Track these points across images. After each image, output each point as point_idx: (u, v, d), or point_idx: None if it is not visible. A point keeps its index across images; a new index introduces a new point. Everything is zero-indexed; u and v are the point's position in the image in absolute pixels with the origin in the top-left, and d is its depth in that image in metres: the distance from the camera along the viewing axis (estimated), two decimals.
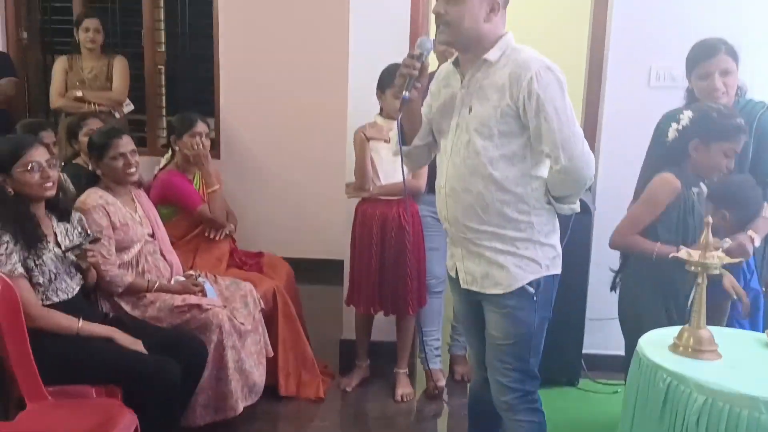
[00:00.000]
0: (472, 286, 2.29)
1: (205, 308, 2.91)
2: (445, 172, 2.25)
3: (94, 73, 4.54)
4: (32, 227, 2.51)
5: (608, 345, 3.73)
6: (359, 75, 3.60)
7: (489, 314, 2.31)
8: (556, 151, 2.07)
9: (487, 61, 2.15)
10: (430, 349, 3.64)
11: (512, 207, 2.17)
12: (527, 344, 2.29)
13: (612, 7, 3.53)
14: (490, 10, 2.13)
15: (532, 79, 2.06)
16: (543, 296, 2.26)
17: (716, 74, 2.74)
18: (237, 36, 5.00)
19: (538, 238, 2.21)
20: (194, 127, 3.50)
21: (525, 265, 2.21)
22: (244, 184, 4.96)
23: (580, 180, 2.13)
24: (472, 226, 2.20)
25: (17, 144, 2.56)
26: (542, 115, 2.06)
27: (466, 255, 2.27)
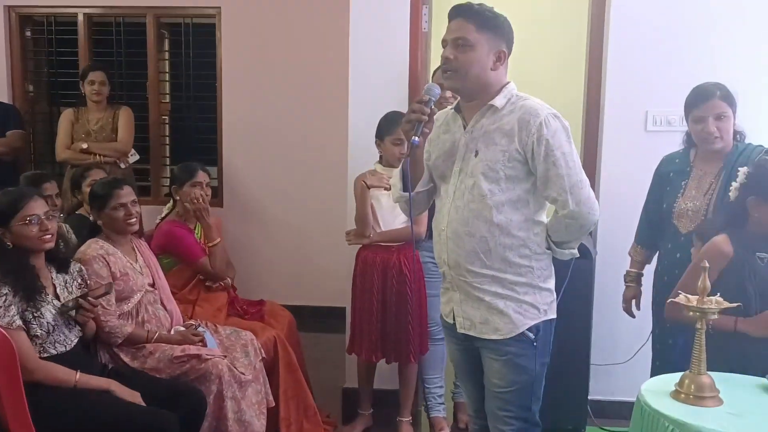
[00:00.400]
0: (470, 331, 2.28)
1: (205, 358, 2.89)
2: (447, 216, 2.26)
3: (99, 125, 4.60)
4: (31, 279, 2.52)
5: (614, 391, 3.70)
6: (359, 124, 3.65)
7: (488, 361, 2.29)
8: (564, 196, 2.11)
9: (493, 107, 2.20)
10: (433, 396, 3.60)
11: (514, 251, 2.18)
12: (529, 391, 2.27)
13: (607, 52, 3.58)
14: (497, 59, 2.20)
15: (541, 125, 2.12)
16: (542, 342, 2.25)
17: (710, 118, 2.78)
18: (239, 86, 5.09)
19: (537, 282, 2.23)
20: (195, 176, 3.53)
21: (524, 311, 2.21)
22: (247, 231, 4.99)
23: (585, 225, 2.17)
24: (474, 269, 2.21)
25: (16, 197, 2.58)
26: (551, 159, 2.11)
27: (465, 299, 2.27)
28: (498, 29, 2.21)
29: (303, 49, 4.96)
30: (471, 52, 2.17)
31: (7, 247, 2.52)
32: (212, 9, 5.08)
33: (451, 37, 2.20)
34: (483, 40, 2.18)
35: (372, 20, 3.64)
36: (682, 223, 2.87)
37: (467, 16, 2.19)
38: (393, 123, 3.35)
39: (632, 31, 3.52)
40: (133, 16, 5.21)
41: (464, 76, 2.18)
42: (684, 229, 2.84)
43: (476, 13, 2.19)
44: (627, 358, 3.56)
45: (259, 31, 5.01)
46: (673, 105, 3.47)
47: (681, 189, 2.91)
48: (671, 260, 2.89)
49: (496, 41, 2.21)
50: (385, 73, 3.67)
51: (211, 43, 5.18)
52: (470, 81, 2.19)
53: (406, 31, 3.64)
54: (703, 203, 2.83)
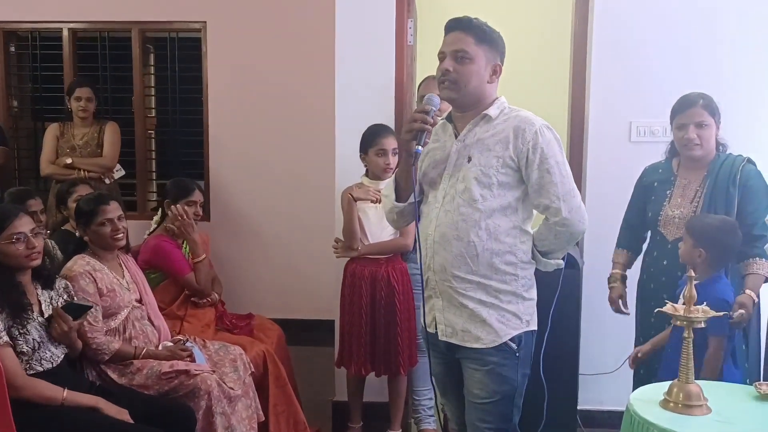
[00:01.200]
0: (451, 338, 2.28)
1: (194, 373, 2.87)
2: (434, 220, 2.27)
3: (85, 140, 4.58)
4: (18, 296, 2.50)
5: (602, 400, 3.71)
6: (346, 137, 3.65)
7: (469, 372, 2.30)
8: (557, 203, 2.15)
9: (487, 116, 2.24)
10: (423, 408, 3.60)
11: (501, 258, 2.21)
12: (510, 402, 2.28)
13: (591, 64, 3.61)
14: (492, 72, 2.26)
15: (536, 133, 2.17)
16: (525, 352, 2.27)
17: (691, 126, 2.84)
18: (226, 100, 5.09)
19: (521, 291, 2.25)
20: (191, 195, 3.53)
21: (507, 320, 2.23)
22: (234, 245, 4.98)
23: (575, 233, 2.20)
24: (459, 275, 2.22)
25: (1, 215, 2.57)
26: (545, 167, 2.15)
27: (447, 306, 2.28)
28: (494, 43, 2.26)
29: (289, 62, 4.97)
30: (470, 65, 2.21)
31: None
32: (198, 23, 5.08)
33: (450, 49, 2.23)
34: (481, 53, 2.22)
35: (358, 34, 3.66)
36: (668, 230, 2.91)
37: (466, 29, 2.23)
38: (375, 135, 3.38)
39: (616, 43, 3.57)
40: (118, 31, 5.20)
41: (463, 88, 2.23)
42: (671, 237, 2.88)
43: (475, 26, 2.23)
44: (615, 368, 3.57)
45: (246, 45, 5.01)
46: (656, 116, 3.54)
47: (666, 197, 2.95)
48: (658, 268, 2.92)
49: (493, 55, 2.26)
50: (372, 86, 3.68)
51: (196, 58, 5.17)
52: (468, 93, 2.24)
53: (391, 45, 3.66)
54: (690, 210, 2.87)
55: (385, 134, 3.39)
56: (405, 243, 3.45)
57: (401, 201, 2.38)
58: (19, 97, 5.39)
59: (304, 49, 4.91)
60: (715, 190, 2.82)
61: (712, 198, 2.81)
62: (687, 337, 1.93)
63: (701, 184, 2.88)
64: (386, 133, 3.40)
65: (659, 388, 2.06)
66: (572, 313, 3.51)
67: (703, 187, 2.87)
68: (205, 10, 5.04)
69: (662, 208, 2.94)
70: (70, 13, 5.10)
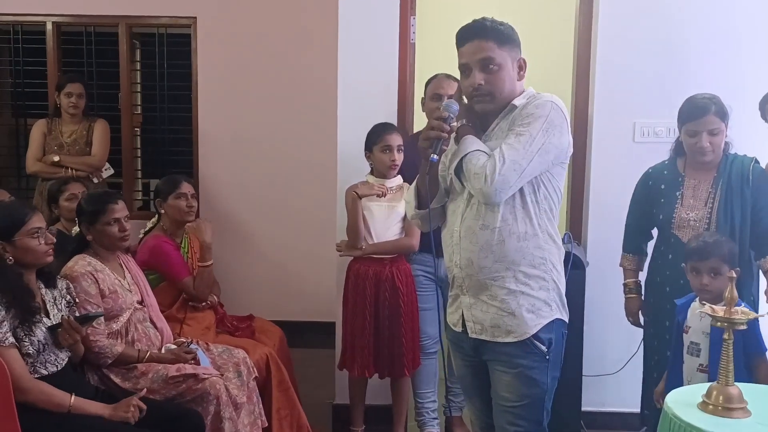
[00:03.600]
0: (481, 335, 2.23)
1: (202, 378, 2.79)
2: (461, 215, 2.21)
3: (73, 138, 4.44)
4: (28, 298, 2.41)
5: (605, 402, 3.70)
6: (348, 135, 3.60)
7: (497, 374, 2.25)
8: (496, 159, 2.05)
9: (513, 106, 2.18)
10: (427, 411, 3.56)
11: (528, 241, 2.15)
12: (540, 405, 2.24)
13: (594, 64, 3.60)
14: (519, 68, 2.20)
15: (536, 105, 2.12)
16: (555, 354, 2.23)
17: (704, 134, 2.83)
18: (216, 97, 4.99)
19: (550, 276, 2.20)
20: (179, 188, 3.44)
21: (537, 309, 2.18)
22: (227, 245, 4.84)
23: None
24: (486, 265, 2.16)
25: (18, 211, 2.49)
26: (518, 128, 2.09)
27: (475, 303, 2.23)
28: (513, 40, 2.19)
29: (285, 59, 4.89)
30: (500, 72, 2.15)
31: (9, 262, 2.41)
32: (187, 19, 4.97)
33: (475, 59, 2.14)
34: (506, 54, 2.16)
35: (361, 32, 3.60)
36: (683, 232, 2.89)
37: (484, 35, 2.15)
38: (380, 132, 3.34)
39: (620, 43, 3.55)
40: (104, 26, 5.06)
41: (498, 96, 2.17)
42: (686, 239, 2.85)
43: (491, 29, 2.16)
44: (617, 369, 3.58)
45: (238, 41, 4.92)
46: (660, 116, 3.54)
47: (677, 199, 2.93)
48: (674, 270, 2.89)
49: (515, 51, 2.20)
50: (375, 84, 3.62)
51: (183, 54, 5.06)
52: (503, 98, 2.18)
53: (395, 42, 3.61)
54: (705, 213, 2.86)
55: (390, 131, 3.35)
56: (410, 243, 3.41)
57: (422, 208, 2.31)
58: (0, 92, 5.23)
59: (301, 45, 4.83)
60: (729, 191, 2.82)
61: (727, 199, 2.81)
62: (727, 339, 1.91)
63: (713, 186, 2.88)
64: (391, 130, 3.36)
65: (695, 390, 2.04)
66: (576, 314, 3.46)
67: (715, 189, 2.86)
68: (195, 5, 4.93)
69: (674, 210, 2.92)
70: (54, 6, 4.96)
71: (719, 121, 2.82)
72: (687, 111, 2.88)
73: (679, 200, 2.93)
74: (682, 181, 2.95)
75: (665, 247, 2.98)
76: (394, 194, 3.39)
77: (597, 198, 3.65)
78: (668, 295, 2.91)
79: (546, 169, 2.15)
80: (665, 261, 2.96)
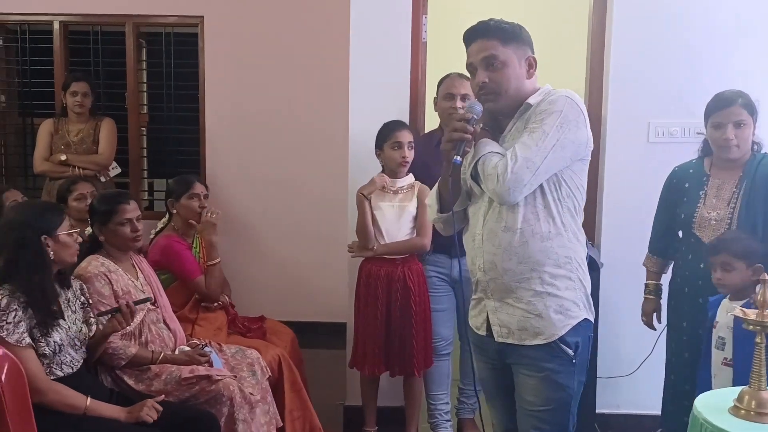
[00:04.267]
0: (508, 339, 2.19)
1: (216, 379, 2.77)
2: (482, 217, 2.18)
3: (80, 137, 4.42)
4: (53, 299, 2.43)
5: (620, 404, 3.68)
6: (360, 135, 3.56)
7: (523, 378, 2.22)
8: (508, 158, 2.03)
9: (529, 105, 2.14)
10: (440, 413, 3.53)
11: (552, 240, 2.11)
12: (567, 410, 2.21)
13: (609, 63, 3.57)
14: (528, 66, 2.16)
15: (551, 101, 2.09)
16: (581, 359, 2.20)
17: (729, 125, 2.77)
18: (224, 97, 4.94)
19: (577, 274, 2.16)
20: (192, 188, 3.43)
21: (564, 310, 2.14)
22: (236, 246, 4.80)
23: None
24: (511, 267, 2.13)
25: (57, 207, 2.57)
26: (532, 125, 2.06)
27: (500, 306, 2.19)
28: (519, 38, 2.16)
29: (294, 58, 4.84)
30: (504, 69, 2.12)
31: (50, 260, 2.44)
32: (195, 18, 4.94)
33: (478, 58, 2.13)
34: (511, 52, 2.13)
35: (373, 31, 3.57)
36: (704, 233, 2.84)
37: (488, 35, 2.13)
38: (390, 129, 3.33)
39: (633, 42, 3.52)
40: (111, 25, 5.03)
41: (504, 94, 2.13)
42: (707, 239, 2.81)
43: (494, 28, 2.14)
44: (631, 371, 3.55)
45: (245, 41, 4.87)
46: (675, 116, 3.52)
47: (700, 199, 2.87)
48: (693, 270, 2.86)
49: (523, 49, 2.16)
50: (386, 84, 3.59)
51: (190, 53, 5.03)
52: (509, 97, 2.14)
53: (407, 41, 3.59)
54: (727, 213, 2.80)
55: (401, 128, 3.33)
56: (422, 243, 3.39)
57: (444, 211, 2.28)
58: (6, 92, 5.19)
59: (311, 45, 4.79)
60: (753, 191, 2.75)
61: (750, 200, 2.74)
62: (759, 342, 1.88)
63: (737, 185, 2.81)
64: (401, 127, 3.34)
65: (724, 394, 2.01)
66: None
67: (739, 189, 2.80)
68: (202, 5, 4.90)
69: (696, 209, 2.87)
70: (61, 6, 4.92)
71: (746, 113, 2.76)
72: (713, 103, 2.84)
73: (701, 199, 2.87)
74: (707, 181, 2.89)
75: (686, 247, 2.93)
76: (405, 193, 3.37)
77: (611, 198, 3.61)
78: (687, 296, 2.88)
79: (565, 166, 2.11)
80: (685, 262, 2.92)
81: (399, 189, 3.36)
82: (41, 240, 2.42)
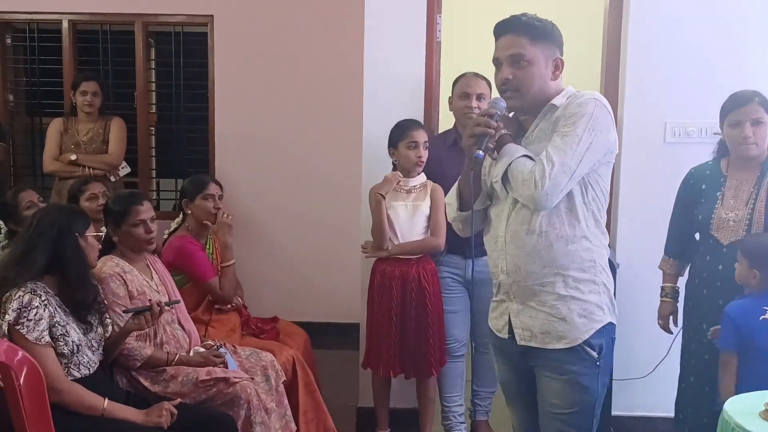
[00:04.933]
0: (530, 342, 2.16)
1: (233, 381, 2.74)
2: (505, 220, 2.15)
3: (89, 136, 4.39)
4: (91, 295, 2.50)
5: (634, 406, 3.65)
6: (374, 135, 3.53)
7: (546, 380, 2.19)
8: (544, 163, 1.99)
9: (553, 106, 2.12)
10: (454, 415, 3.50)
11: (577, 244, 2.09)
12: (591, 413, 2.18)
13: (625, 63, 3.55)
14: (555, 68, 2.13)
15: (579, 103, 2.05)
16: (605, 361, 2.17)
17: (747, 123, 2.75)
18: (234, 96, 4.93)
19: (601, 279, 2.14)
20: (206, 189, 3.40)
21: (589, 314, 2.11)
22: (247, 246, 4.77)
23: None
24: (534, 270, 2.10)
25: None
26: (563, 129, 2.02)
27: (523, 309, 2.16)
28: (550, 38, 2.13)
29: (306, 57, 4.82)
30: (530, 68, 2.09)
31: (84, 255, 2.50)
32: (204, 17, 4.92)
33: (505, 54, 2.10)
34: (538, 52, 2.10)
35: (388, 30, 3.55)
36: (722, 234, 2.81)
37: (517, 31, 2.10)
38: (406, 128, 3.30)
39: (650, 42, 3.50)
40: (120, 24, 5.01)
41: (526, 94, 2.10)
42: (725, 240, 2.79)
43: (526, 25, 2.10)
44: (645, 373, 3.53)
45: (255, 40, 4.86)
46: (692, 116, 3.50)
47: (717, 200, 2.84)
48: (712, 272, 2.83)
49: (551, 50, 2.13)
50: (401, 83, 3.57)
51: (200, 52, 5.02)
52: (533, 97, 2.11)
53: (422, 40, 3.56)
54: (745, 213, 2.77)
55: (416, 127, 3.31)
56: (436, 243, 3.36)
57: (464, 210, 2.25)
58: (15, 91, 5.17)
59: (322, 44, 4.77)
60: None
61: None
62: None
63: (755, 185, 2.78)
64: (417, 126, 3.32)
65: (753, 397, 1.99)
66: None
67: (757, 189, 2.77)
68: (211, 3, 4.89)
69: (714, 210, 2.84)
70: (70, 4, 4.91)
71: (763, 111, 2.73)
72: (729, 102, 2.81)
73: (719, 200, 2.84)
74: (724, 182, 2.86)
75: (704, 248, 2.90)
76: (418, 192, 3.35)
77: (627, 199, 3.59)
78: (706, 297, 2.85)
79: (594, 169, 2.09)
80: (703, 263, 2.89)
81: (412, 188, 3.34)
82: (77, 237, 2.47)
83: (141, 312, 2.55)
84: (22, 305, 2.29)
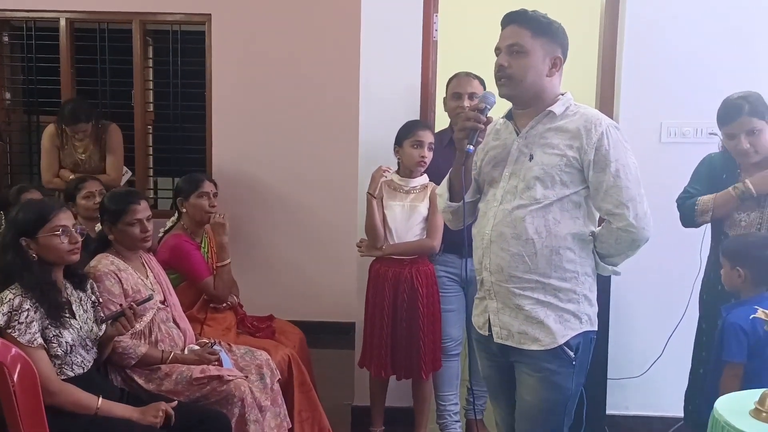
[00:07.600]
0: (507, 341, 2.21)
1: (227, 379, 2.75)
2: (492, 219, 2.19)
3: (87, 154, 4.39)
4: (56, 295, 2.37)
5: (629, 405, 3.66)
6: (370, 136, 3.55)
7: (522, 377, 2.23)
8: (621, 209, 2.08)
9: (551, 113, 2.16)
10: (449, 414, 3.51)
11: (561, 255, 2.13)
12: (561, 410, 2.21)
13: (621, 63, 3.55)
14: (552, 65, 2.17)
15: (603, 135, 2.09)
16: (581, 361, 2.21)
17: (741, 136, 2.75)
18: (232, 95, 4.92)
19: (580, 290, 2.17)
20: (201, 187, 3.39)
21: (565, 321, 2.16)
22: (243, 245, 4.79)
23: (637, 240, 2.13)
24: (517, 274, 2.15)
25: (44, 208, 2.44)
26: (611, 170, 2.08)
27: (502, 308, 2.20)
28: (553, 35, 2.17)
29: (303, 57, 4.82)
30: (526, 58, 2.13)
31: (32, 259, 2.36)
32: (202, 16, 4.92)
33: (505, 43, 2.16)
34: (538, 45, 2.14)
35: (383, 29, 3.54)
36: (735, 231, 2.81)
37: (521, 23, 2.15)
38: (412, 127, 3.31)
39: (646, 42, 3.50)
40: (118, 22, 5.01)
41: (519, 83, 2.14)
42: None
43: (531, 18, 2.16)
44: (640, 372, 3.54)
45: (253, 39, 4.86)
46: (687, 117, 3.50)
47: None
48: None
49: (552, 47, 2.17)
50: (397, 83, 3.57)
51: (197, 51, 5.01)
52: (526, 88, 2.15)
53: (418, 40, 3.56)
54: (757, 216, 2.77)
55: (423, 127, 3.32)
56: (431, 244, 3.36)
57: (455, 201, 2.31)
58: (12, 89, 5.17)
59: (320, 44, 4.77)
60: None
61: None
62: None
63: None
64: (424, 127, 3.34)
65: (743, 396, 2.00)
66: (601, 317, 3.35)
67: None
68: (209, 2, 4.88)
69: None
70: (67, 3, 4.90)
71: (755, 120, 2.73)
72: (721, 114, 2.81)
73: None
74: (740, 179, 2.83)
75: (717, 243, 2.90)
76: (417, 193, 3.35)
77: None
78: (720, 293, 2.84)
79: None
80: (717, 259, 2.87)
81: (411, 189, 3.34)
82: (20, 242, 2.37)
83: (116, 318, 2.50)
84: (13, 308, 2.28)
